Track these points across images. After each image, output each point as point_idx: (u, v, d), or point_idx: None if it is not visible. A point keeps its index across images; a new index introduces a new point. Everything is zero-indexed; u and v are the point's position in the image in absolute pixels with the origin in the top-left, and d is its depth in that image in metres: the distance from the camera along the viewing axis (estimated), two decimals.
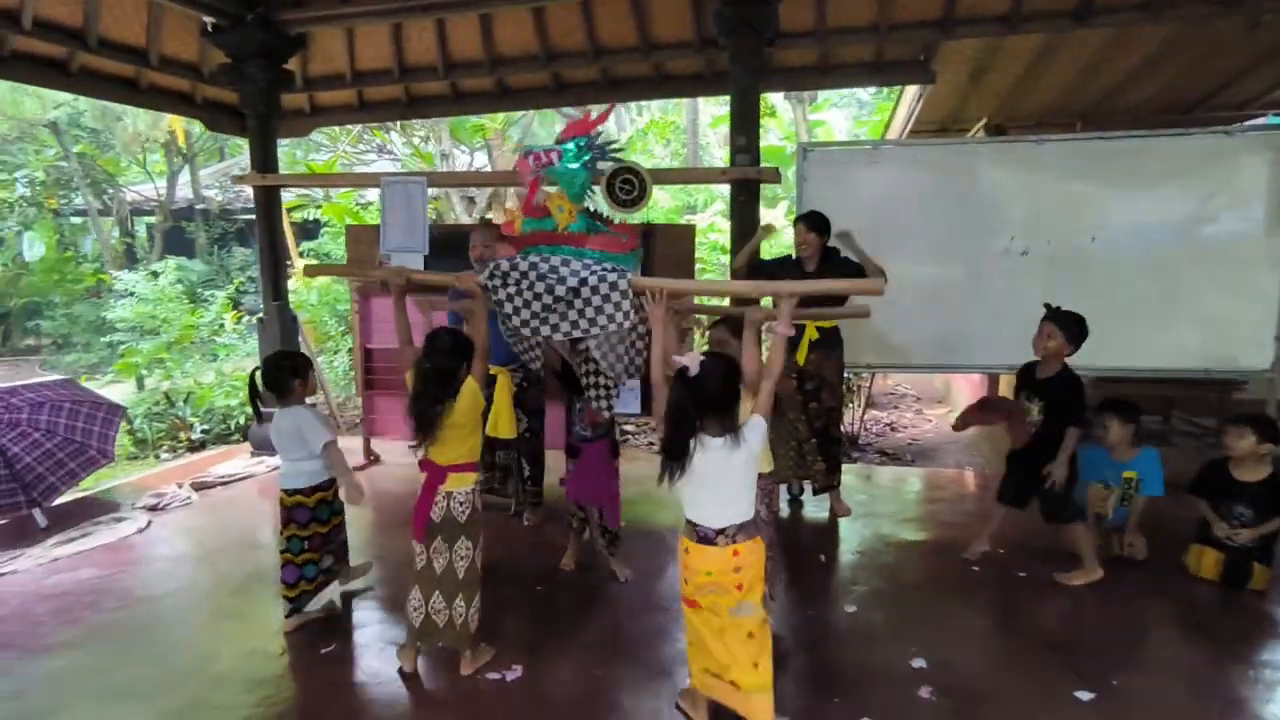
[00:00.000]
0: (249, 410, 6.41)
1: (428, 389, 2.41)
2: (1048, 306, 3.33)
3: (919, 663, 2.68)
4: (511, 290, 2.67)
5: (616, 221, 3.03)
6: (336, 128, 9.10)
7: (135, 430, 6.77)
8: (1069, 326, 3.23)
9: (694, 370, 2.00)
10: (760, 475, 2.27)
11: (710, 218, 8.55)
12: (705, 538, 2.11)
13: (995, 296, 4.51)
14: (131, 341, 7.94)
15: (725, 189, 4.80)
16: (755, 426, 2.11)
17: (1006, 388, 5.00)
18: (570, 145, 2.80)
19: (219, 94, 5.85)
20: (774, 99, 13.08)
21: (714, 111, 15.65)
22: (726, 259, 5.11)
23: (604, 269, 2.63)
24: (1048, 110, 6.42)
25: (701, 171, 7.88)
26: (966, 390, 7.07)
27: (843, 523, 4.11)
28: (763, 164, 4.46)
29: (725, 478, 2.08)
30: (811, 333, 3.94)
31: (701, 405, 2.03)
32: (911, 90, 6.20)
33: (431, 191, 7.98)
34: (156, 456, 6.58)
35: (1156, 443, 4.60)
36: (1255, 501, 3.28)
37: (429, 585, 2.55)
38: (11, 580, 3.58)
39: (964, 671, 2.66)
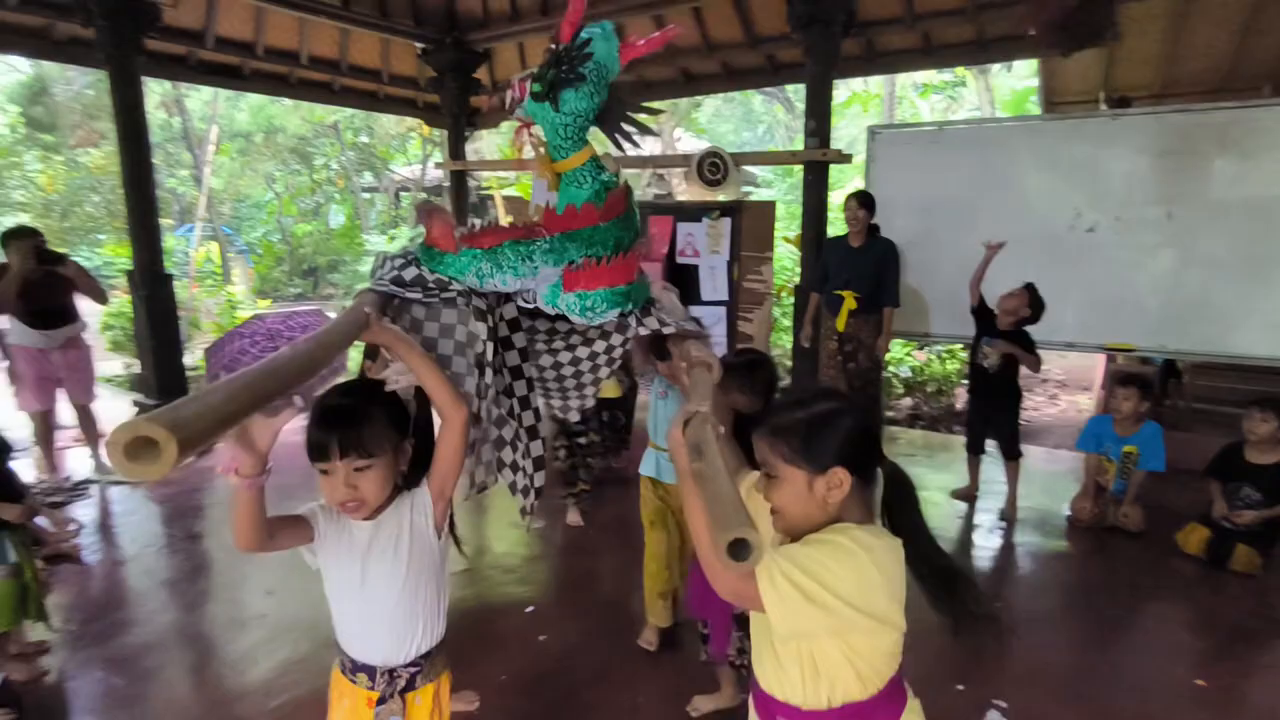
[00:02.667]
0: None
1: None
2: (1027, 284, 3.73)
3: None
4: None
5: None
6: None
7: None
8: (1035, 298, 3.71)
9: None
10: None
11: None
12: None
13: (1059, 274, 4.55)
14: None
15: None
16: None
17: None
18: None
19: (432, 99, 7.57)
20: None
21: (924, 80, 15.15)
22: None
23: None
24: (1209, 77, 5.83)
25: (777, 154, 8.26)
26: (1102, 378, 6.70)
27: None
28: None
29: None
30: (850, 302, 4.42)
31: None
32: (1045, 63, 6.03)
33: None
34: None
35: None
36: (1264, 484, 3.27)
37: None
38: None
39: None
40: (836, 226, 8.50)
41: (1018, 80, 12.93)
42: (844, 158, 4.99)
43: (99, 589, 3.19)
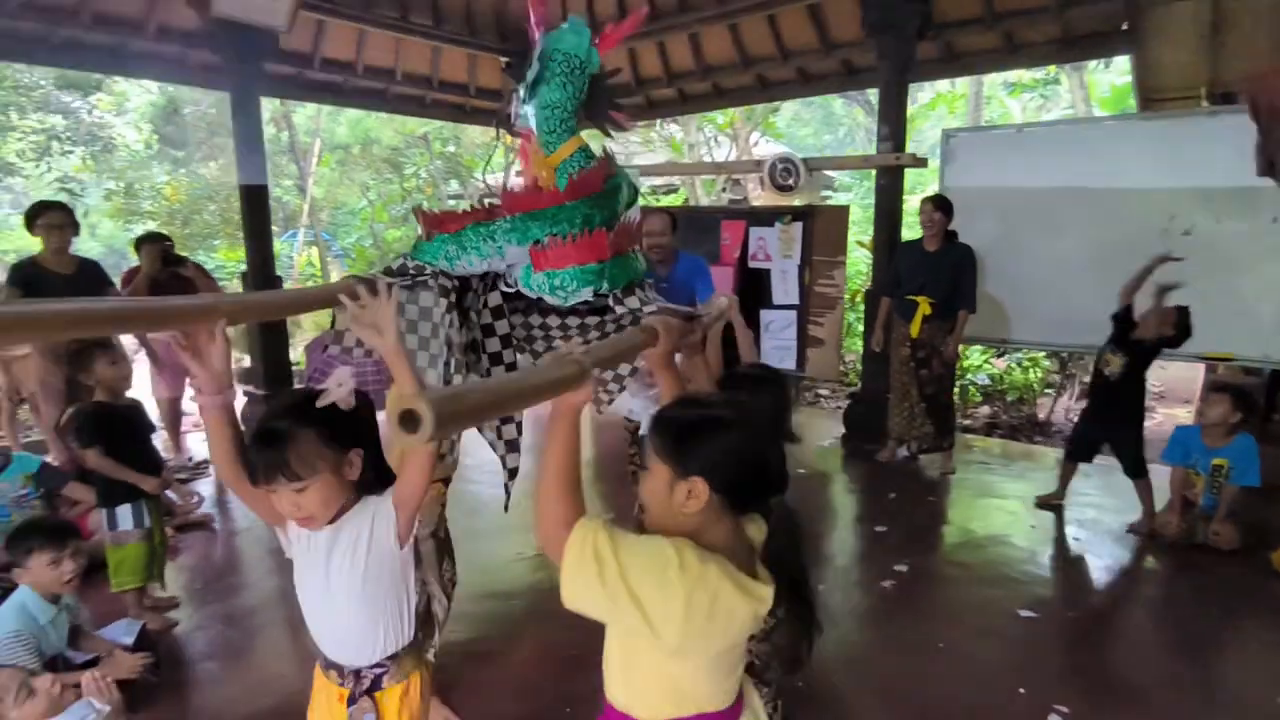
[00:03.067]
0: None
1: None
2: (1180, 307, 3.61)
3: (901, 567, 3.30)
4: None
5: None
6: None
7: None
8: (1183, 322, 3.59)
9: None
10: None
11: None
12: None
13: (1151, 279, 4.37)
14: None
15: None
16: None
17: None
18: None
19: None
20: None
21: (1010, 79, 14.57)
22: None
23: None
24: None
25: (850, 158, 8.15)
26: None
27: (951, 480, 4.48)
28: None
29: None
30: (924, 308, 4.36)
31: None
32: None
33: (677, 179, 9.51)
34: None
35: None
36: None
37: None
38: None
39: (930, 582, 3.23)
40: (912, 230, 8.35)
41: (1118, 75, 12.25)
42: (919, 162, 4.95)
43: (217, 555, 3.58)
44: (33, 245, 3.96)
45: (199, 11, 4.84)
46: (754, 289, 5.61)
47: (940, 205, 4.33)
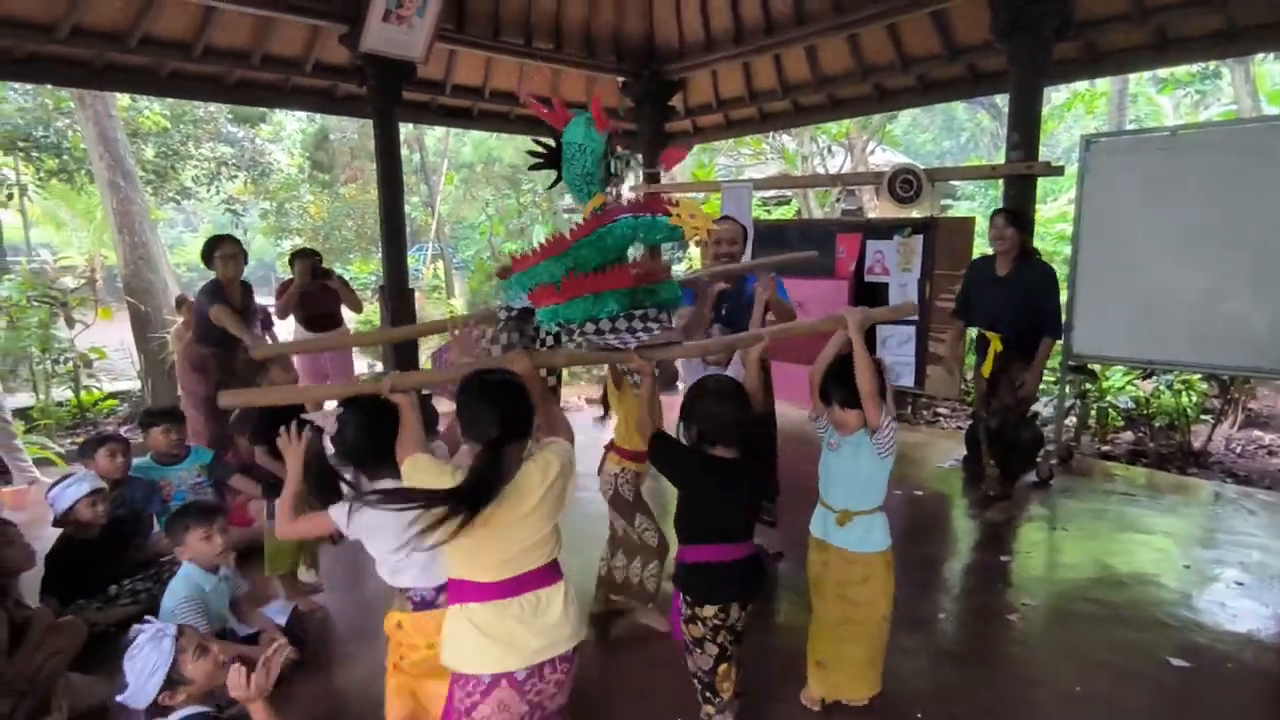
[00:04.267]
0: None
1: None
2: None
3: (1030, 600, 3.11)
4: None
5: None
6: (734, 140, 11.08)
7: None
8: None
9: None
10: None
11: (1061, 206, 7.96)
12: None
13: None
14: None
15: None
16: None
17: None
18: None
19: (629, 126, 8.08)
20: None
21: (1158, 72, 13.31)
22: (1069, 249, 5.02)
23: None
24: None
25: (977, 168, 7.65)
26: None
27: (1077, 510, 4.16)
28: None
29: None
30: (996, 345, 3.90)
31: None
32: None
33: (789, 191, 9.41)
34: None
35: None
36: None
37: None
38: None
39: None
40: (1046, 243, 7.81)
41: None
42: (1053, 170, 4.64)
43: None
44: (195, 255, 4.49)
45: (349, 48, 5.32)
46: (871, 304, 5.44)
47: (1014, 220, 3.90)
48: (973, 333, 4.52)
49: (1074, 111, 14.15)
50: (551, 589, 1.66)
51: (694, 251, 9.01)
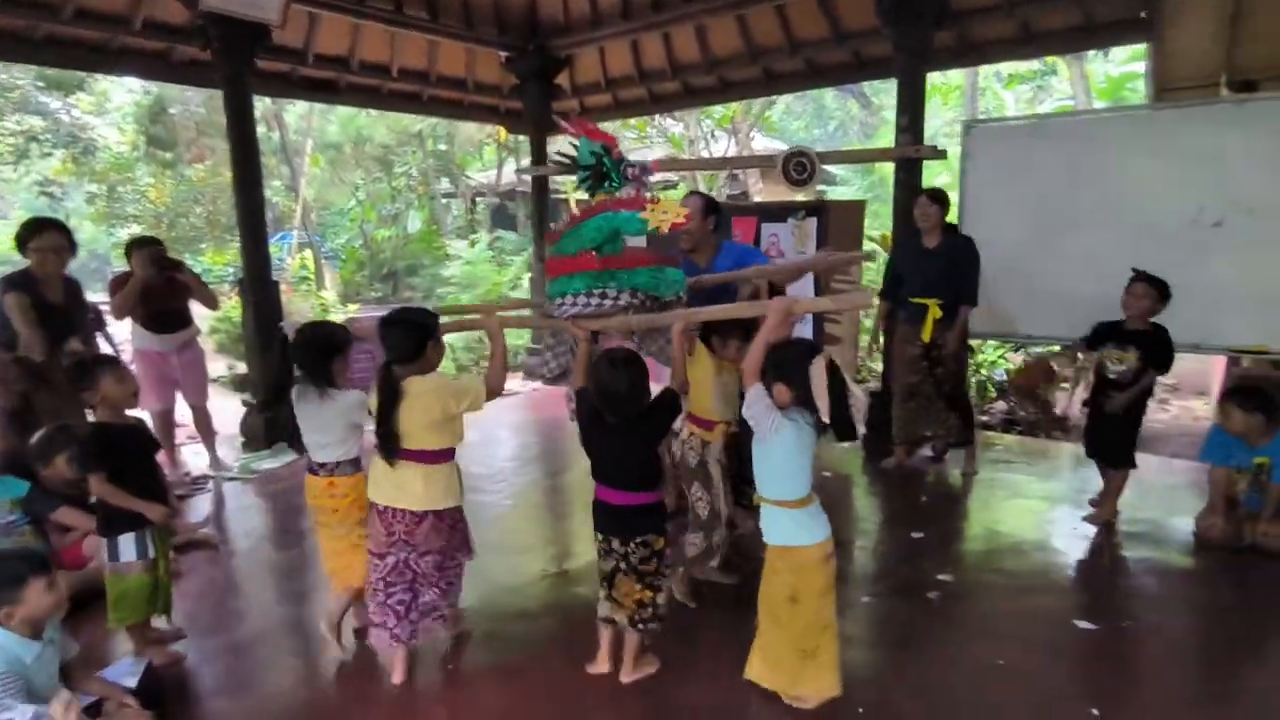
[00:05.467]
0: (527, 342, 8.40)
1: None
2: (1135, 270, 3.56)
3: (946, 577, 3.16)
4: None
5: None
6: (618, 121, 10.86)
7: (455, 358, 9.29)
8: (1156, 284, 3.48)
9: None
10: None
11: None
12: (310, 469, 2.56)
13: (1181, 272, 4.24)
14: (456, 294, 10.69)
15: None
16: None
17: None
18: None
19: (514, 105, 7.70)
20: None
21: (1010, 69, 14.44)
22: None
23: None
24: None
25: (868, 151, 8.01)
26: (1220, 381, 6.24)
27: (973, 481, 4.35)
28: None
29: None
30: (935, 311, 4.11)
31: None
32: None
33: (674, 175, 9.32)
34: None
35: None
36: None
37: None
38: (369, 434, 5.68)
39: (978, 591, 3.08)
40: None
41: (1115, 66, 12.18)
42: (938, 154, 4.80)
43: (222, 579, 3.38)
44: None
45: (187, 5, 4.62)
46: (768, 287, 5.45)
47: (936, 198, 4.12)
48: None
49: (932, 103, 15.11)
50: (422, 466, 2.35)
51: None
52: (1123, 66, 12.59)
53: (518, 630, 2.82)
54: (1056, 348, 6.63)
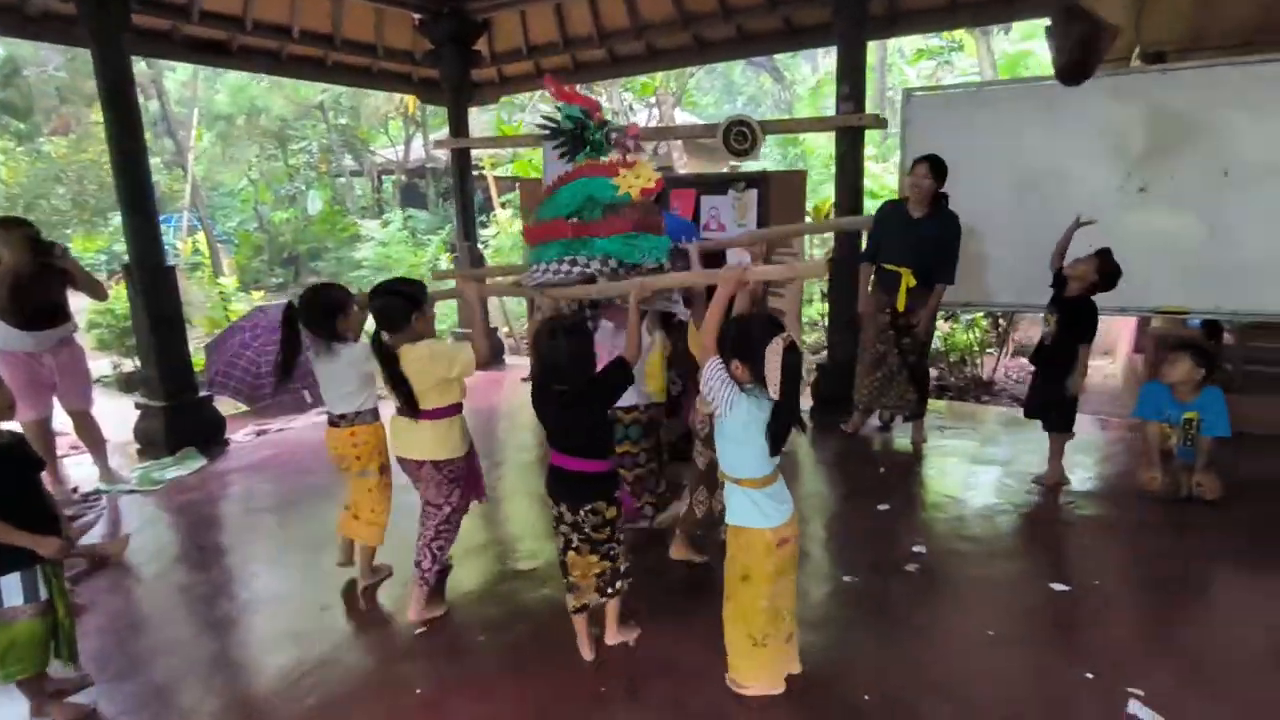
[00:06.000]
0: (452, 327, 7.96)
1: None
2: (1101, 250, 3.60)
3: (919, 548, 3.13)
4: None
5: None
6: (535, 92, 10.38)
7: None
8: (1106, 264, 3.55)
9: None
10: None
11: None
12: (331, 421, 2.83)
13: (1110, 236, 4.39)
14: (370, 277, 10.02)
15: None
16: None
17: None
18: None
19: (428, 73, 7.18)
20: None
21: (917, 44, 14.84)
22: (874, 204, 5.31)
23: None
24: (1246, 28, 5.66)
25: (808, 120, 8.03)
26: (1129, 340, 6.62)
27: (924, 448, 4.40)
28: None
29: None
30: (909, 279, 4.10)
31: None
32: None
33: None
34: None
35: None
36: None
37: None
38: (290, 433, 5.21)
39: (955, 561, 3.08)
40: (872, 198, 8.22)
41: (1012, 44, 12.74)
42: (880, 122, 4.78)
43: (132, 608, 2.94)
44: None
45: None
46: (709, 260, 5.31)
47: (936, 168, 4.01)
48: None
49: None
50: (428, 421, 2.56)
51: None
52: (1019, 44, 13.27)
53: (489, 635, 2.58)
54: (980, 314, 6.86)
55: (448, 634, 2.63)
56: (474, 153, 8.16)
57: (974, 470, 4.09)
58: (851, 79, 4.72)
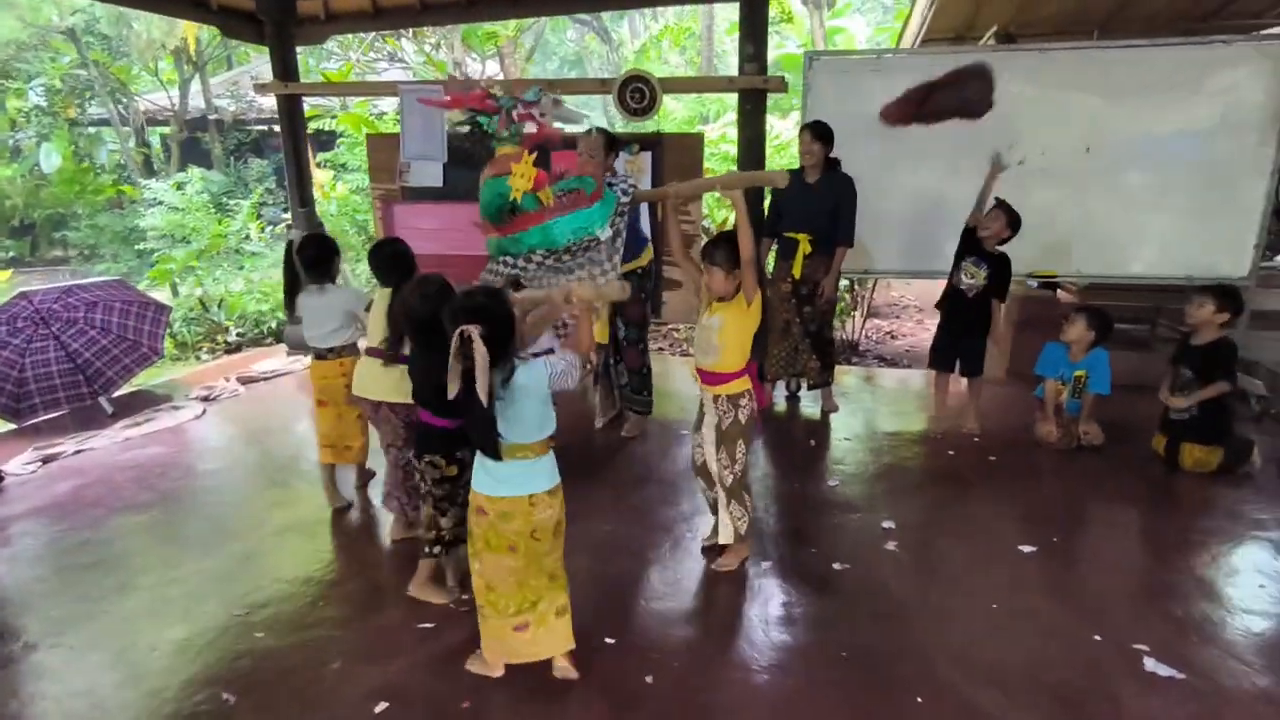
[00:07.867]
0: (281, 315, 6.80)
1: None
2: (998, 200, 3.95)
3: (888, 524, 3.11)
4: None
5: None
6: (350, 36, 9.05)
7: (175, 334, 7.20)
8: (1012, 214, 3.88)
9: None
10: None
11: (721, 128, 8.56)
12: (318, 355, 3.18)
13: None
14: (163, 250, 8.27)
15: (735, 99, 4.86)
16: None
17: None
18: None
19: (236, 2, 5.89)
20: (792, 4, 12.73)
21: (730, 17, 15.21)
22: (735, 169, 5.26)
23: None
24: (1064, 18, 6.35)
25: (709, 80, 7.91)
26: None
27: (834, 417, 4.47)
28: (780, 73, 4.58)
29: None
30: (805, 246, 4.11)
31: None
32: None
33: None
34: (197, 357, 7.04)
35: (1141, 349, 4.97)
36: (1195, 365, 3.61)
37: None
38: (91, 454, 4.07)
39: (926, 532, 3.09)
40: (712, 162, 8.18)
41: (828, 21, 13.49)
42: (782, 85, 4.65)
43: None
44: None
45: None
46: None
47: (820, 134, 4.06)
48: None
49: (664, 43, 15.40)
50: (397, 368, 2.63)
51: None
52: (832, 21, 14.12)
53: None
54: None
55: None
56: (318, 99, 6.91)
57: (897, 434, 4.21)
58: (754, 40, 4.54)
